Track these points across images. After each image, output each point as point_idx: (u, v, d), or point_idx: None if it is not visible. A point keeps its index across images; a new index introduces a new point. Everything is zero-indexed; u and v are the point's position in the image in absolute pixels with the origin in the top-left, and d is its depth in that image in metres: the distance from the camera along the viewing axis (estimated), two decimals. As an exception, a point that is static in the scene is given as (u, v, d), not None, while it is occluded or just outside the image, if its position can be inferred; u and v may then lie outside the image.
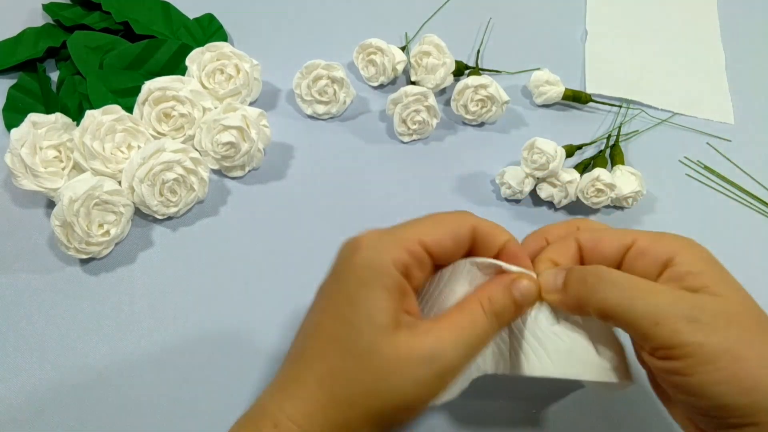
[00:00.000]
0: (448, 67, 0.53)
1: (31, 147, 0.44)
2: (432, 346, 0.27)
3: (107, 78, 0.51)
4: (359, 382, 0.27)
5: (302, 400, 0.28)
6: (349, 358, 0.27)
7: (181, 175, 0.45)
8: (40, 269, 0.45)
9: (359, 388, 0.27)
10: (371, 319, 0.27)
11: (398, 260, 0.28)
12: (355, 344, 0.27)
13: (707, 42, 0.63)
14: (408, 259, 0.28)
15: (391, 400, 0.27)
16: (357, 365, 0.27)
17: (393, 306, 0.28)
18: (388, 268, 0.28)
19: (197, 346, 0.43)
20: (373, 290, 0.28)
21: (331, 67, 0.51)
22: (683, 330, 0.26)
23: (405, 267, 0.28)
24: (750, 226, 0.51)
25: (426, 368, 0.27)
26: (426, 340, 0.27)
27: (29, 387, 0.40)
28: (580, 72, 0.60)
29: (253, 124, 0.47)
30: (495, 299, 0.29)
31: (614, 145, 0.53)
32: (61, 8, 0.56)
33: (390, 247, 0.28)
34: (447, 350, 0.27)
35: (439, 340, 0.27)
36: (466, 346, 0.28)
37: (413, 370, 0.27)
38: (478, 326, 0.29)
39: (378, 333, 0.27)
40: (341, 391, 0.27)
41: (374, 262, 0.28)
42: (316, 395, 0.28)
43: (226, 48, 0.51)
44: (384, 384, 0.27)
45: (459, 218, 0.31)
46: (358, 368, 0.27)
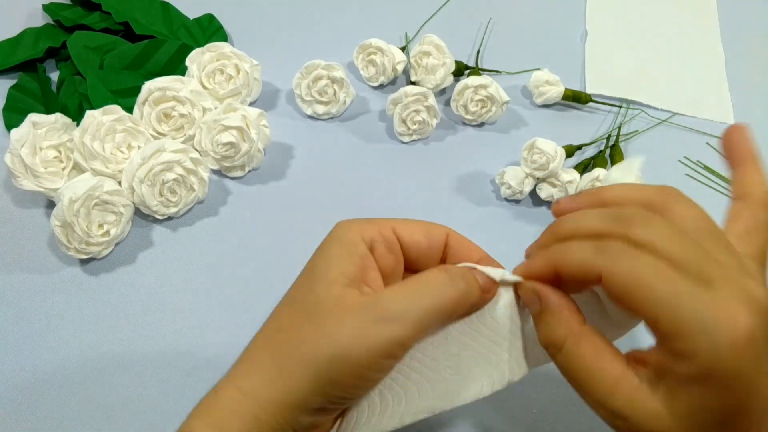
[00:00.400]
0: (448, 67, 0.53)
1: (31, 147, 0.44)
2: (372, 295, 0.27)
3: (107, 78, 0.51)
4: (297, 333, 0.26)
5: (249, 363, 0.28)
6: (295, 313, 0.27)
7: (181, 176, 0.45)
8: (40, 269, 0.45)
9: (296, 339, 0.26)
10: (324, 274, 0.27)
11: (366, 235, 0.29)
12: (304, 299, 0.27)
13: (707, 42, 0.63)
14: (376, 236, 0.29)
15: (324, 347, 0.26)
16: (300, 317, 0.27)
17: (349, 269, 0.27)
18: (353, 237, 0.28)
19: (197, 345, 0.43)
20: (332, 250, 0.28)
21: (331, 67, 0.51)
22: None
23: (372, 241, 0.29)
24: (750, 226, 0.51)
25: (362, 315, 0.26)
26: (374, 297, 0.26)
27: (29, 386, 0.41)
28: (580, 72, 0.60)
29: (253, 124, 0.47)
30: (456, 268, 0.28)
31: (614, 145, 0.53)
32: (61, 8, 0.56)
33: (362, 224, 0.29)
34: (387, 298, 0.26)
35: (390, 300, 0.26)
36: (412, 297, 0.26)
37: (350, 316, 0.26)
38: (431, 282, 0.27)
39: (326, 286, 0.27)
40: (282, 345, 0.27)
41: (342, 234, 0.29)
42: (260, 355, 0.27)
43: (226, 48, 0.51)
44: (319, 329, 0.26)
45: (434, 224, 0.31)
46: (300, 320, 0.27)
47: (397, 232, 0.30)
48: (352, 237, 0.29)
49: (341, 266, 0.27)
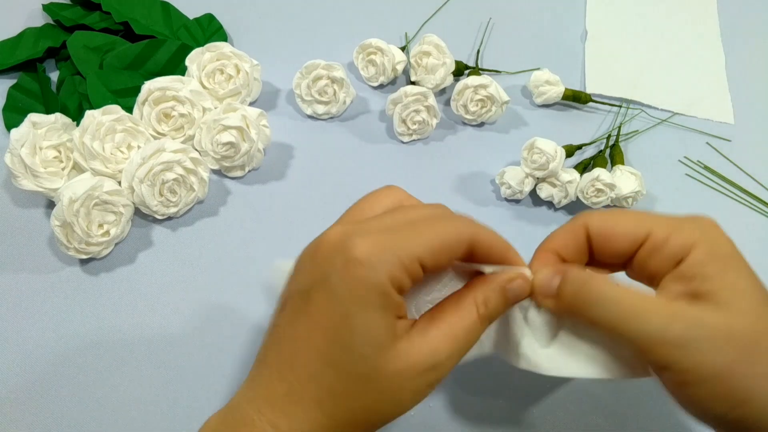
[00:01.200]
0: (448, 67, 0.53)
1: (31, 147, 0.44)
2: (429, 357, 0.27)
3: (107, 78, 0.51)
4: (361, 402, 0.27)
5: (300, 420, 0.27)
6: (349, 381, 0.27)
7: (181, 175, 0.45)
8: (40, 269, 0.45)
9: (360, 408, 0.27)
10: (371, 341, 0.27)
11: (396, 279, 0.27)
12: (355, 367, 0.27)
13: (707, 42, 0.63)
14: (404, 278, 0.27)
15: (388, 412, 0.28)
16: (358, 387, 0.27)
17: (390, 323, 0.27)
18: (385, 287, 0.26)
19: (197, 346, 0.43)
20: (371, 312, 0.27)
21: (331, 67, 0.51)
22: (675, 354, 0.26)
23: (400, 284, 0.27)
24: (750, 226, 0.51)
25: (423, 379, 0.27)
26: (423, 350, 0.27)
27: (29, 386, 0.41)
28: (580, 72, 0.60)
29: (253, 124, 0.47)
30: (490, 301, 0.29)
31: (614, 145, 0.53)
32: (61, 8, 0.56)
33: (388, 267, 0.27)
34: (443, 360, 0.27)
35: (435, 351, 0.27)
36: (461, 352, 0.28)
37: (412, 382, 0.27)
38: (472, 331, 0.28)
39: (377, 354, 0.27)
40: (343, 412, 0.27)
41: (371, 282, 0.26)
42: (314, 415, 0.27)
43: (226, 48, 0.51)
44: (384, 399, 0.27)
45: (459, 231, 0.29)
46: (359, 390, 0.27)
47: (422, 261, 0.28)
48: (383, 287, 0.26)
49: (382, 323, 0.27)
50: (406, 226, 0.28)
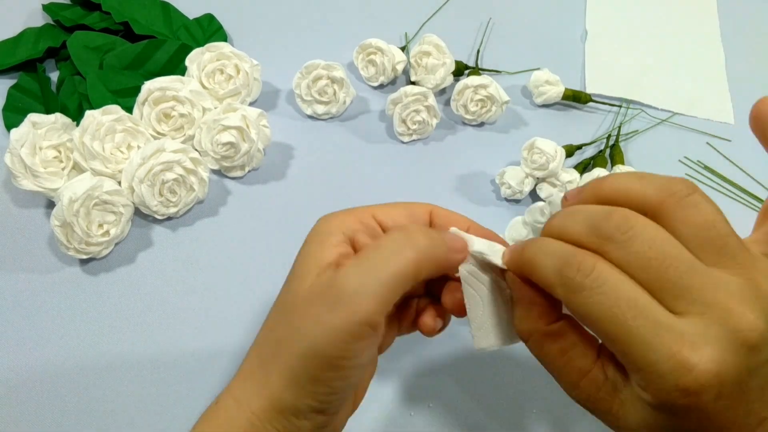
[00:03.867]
0: (448, 67, 0.53)
1: (31, 147, 0.44)
2: (330, 277, 0.25)
3: (107, 78, 0.51)
4: (275, 333, 0.26)
5: (243, 371, 0.27)
6: (276, 314, 0.27)
7: (180, 176, 0.45)
8: (40, 269, 0.45)
9: (274, 340, 0.26)
10: (301, 270, 0.27)
11: (345, 225, 0.28)
12: (283, 298, 0.27)
13: (707, 42, 0.63)
14: (356, 225, 0.28)
15: (296, 343, 0.25)
16: (278, 317, 0.27)
17: (324, 259, 0.26)
18: (330, 228, 0.28)
19: (197, 346, 0.43)
20: (309, 245, 0.27)
21: (331, 67, 0.51)
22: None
23: (353, 232, 0.28)
24: (750, 226, 0.51)
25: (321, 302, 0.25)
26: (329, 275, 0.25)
27: (29, 386, 0.41)
28: (580, 72, 0.60)
29: (253, 124, 0.47)
30: (416, 226, 0.27)
31: (614, 145, 0.53)
32: (61, 8, 0.56)
33: (340, 216, 0.29)
34: (341, 277, 0.25)
35: (336, 271, 0.25)
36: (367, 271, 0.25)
37: (311, 306, 0.25)
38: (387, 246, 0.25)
39: (300, 281, 0.26)
40: (264, 348, 0.27)
41: (319, 227, 0.28)
42: (251, 362, 0.27)
43: (226, 48, 0.51)
44: (290, 328, 0.25)
45: (415, 203, 0.30)
46: (278, 319, 0.27)
47: (378, 218, 0.29)
48: (329, 228, 0.28)
49: (317, 258, 0.26)
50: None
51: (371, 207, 0.29)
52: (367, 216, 0.29)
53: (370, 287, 0.24)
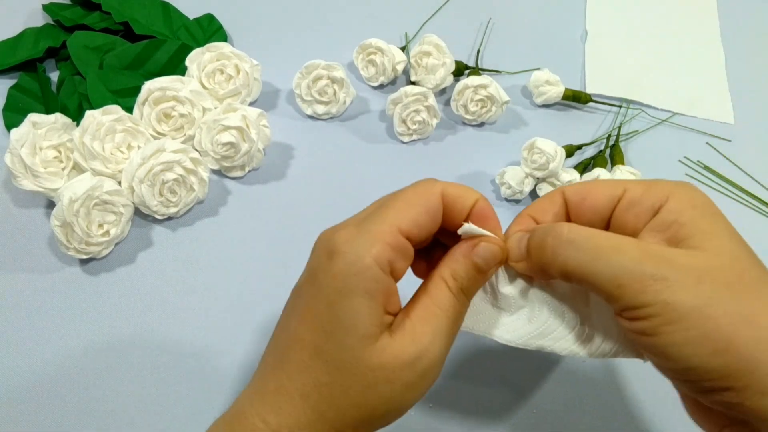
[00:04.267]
0: (448, 67, 0.53)
1: (31, 147, 0.44)
2: (411, 345, 0.26)
3: (107, 78, 0.51)
4: (346, 395, 0.26)
5: (287, 414, 0.27)
6: (334, 372, 0.26)
7: (180, 176, 0.45)
8: (40, 269, 0.45)
9: (347, 401, 0.26)
10: (354, 330, 0.26)
11: (380, 258, 0.26)
12: (338, 357, 0.26)
13: (707, 42, 0.63)
14: (391, 254, 0.26)
15: (380, 408, 0.26)
16: (343, 378, 0.26)
17: (376, 312, 0.26)
18: (370, 270, 0.26)
19: (197, 346, 0.43)
20: (354, 298, 0.26)
21: (331, 67, 0.51)
22: (647, 290, 0.24)
23: (389, 263, 0.26)
24: (750, 226, 0.51)
25: (411, 371, 0.26)
26: (405, 342, 0.26)
27: (29, 386, 0.40)
28: (580, 72, 0.60)
29: (253, 124, 0.47)
30: (458, 273, 0.28)
31: (614, 145, 0.53)
32: (61, 8, 0.56)
33: (369, 245, 0.26)
34: (426, 346, 0.26)
35: (416, 338, 0.26)
36: (444, 335, 0.27)
37: (399, 375, 0.26)
38: (449, 309, 0.28)
39: (361, 344, 0.26)
40: (329, 405, 0.26)
41: (354, 267, 0.26)
42: (301, 409, 0.27)
43: (226, 48, 0.51)
44: (372, 394, 0.26)
45: (427, 189, 0.29)
46: (344, 381, 0.26)
47: (404, 231, 0.27)
48: (368, 270, 0.26)
49: (366, 311, 0.26)
50: (378, 209, 0.28)
51: (389, 216, 0.27)
52: (397, 236, 0.27)
53: (441, 341, 0.27)
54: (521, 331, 0.30)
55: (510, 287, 0.30)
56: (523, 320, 0.30)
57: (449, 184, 0.29)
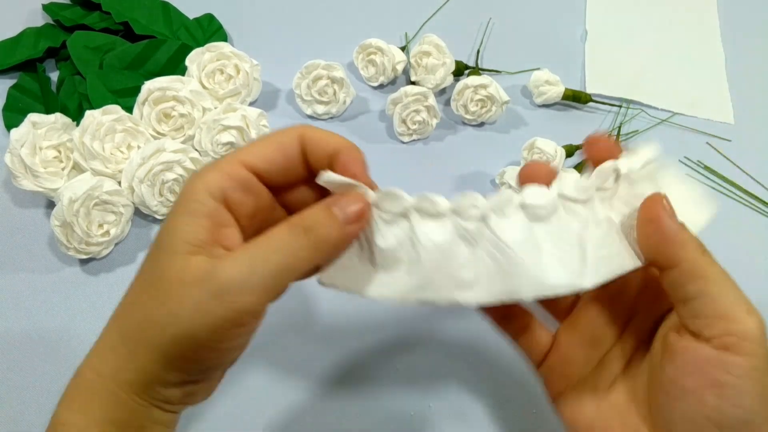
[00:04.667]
0: (448, 67, 0.53)
1: (31, 147, 0.44)
2: (208, 264, 0.24)
3: (107, 78, 0.51)
4: (143, 310, 0.25)
5: (103, 343, 0.26)
6: (140, 288, 0.26)
7: (180, 176, 0.45)
8: (40, 269, 0.45)
9: (141, 318, 0.25)
10: (168, 244, 0.25)
11: (211, 184, 0.25)
12: (150, 272, 0.25)
13: (707, 42, 0.63)
14: (227, 182, 0.25)
15: (170, 326, 0.24)
16: (145, 294, 0.25)
17: (191, 230, 0.25)
18: (198, 194, 0.25)
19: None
20: (176, 217, 0.25)
21: (331, 67, 0.51)
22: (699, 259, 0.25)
23: (222, 192, 0.25)
24: (750, 226, 0.51)
25: (201, 288, 0.24)
26: (205, 260, 0.24)
27: (29, 386, 0.40)
28: (580, 72, 0.60)
29: (253, 124, 0.47)
30: (305, 214, 0.26)
31: (614, 145, 0.53)
32: (61, 8, 0.56)
33: (206, 175, 0.25)
34: (226, 268, 0.24)
35: (217, 259, 0.24)
36: (261, 265, 0.24)
37: (189, 291, 0.24)
38: (278, 241, 0.25)
39: (169, 257, 0.24)
40: (128, 323, 0.26)
41: (186, 193, 0.25)
42: (112, 335, 0.26)
43: (226, 48, 0.51)
44: (163, 309, 0.24)
45: (285, 130, 0.27)
46: (145, 296, 0.25)
47: (249, 163, 0.26)
48: (197, 195, 0.25)
49: (185, 233, 0.25)
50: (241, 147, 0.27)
51: (237, 152, 0.26)
52: (236, 166, 0.26)
53: (258, 280, 0.24)
54: (399, 286, 0.28)
55: (385, 240, 0.28)
56: (401, 273, 0.28)
57: (314, 129, 0.27)
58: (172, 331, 0.24)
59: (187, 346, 0.24)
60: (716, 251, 0.29)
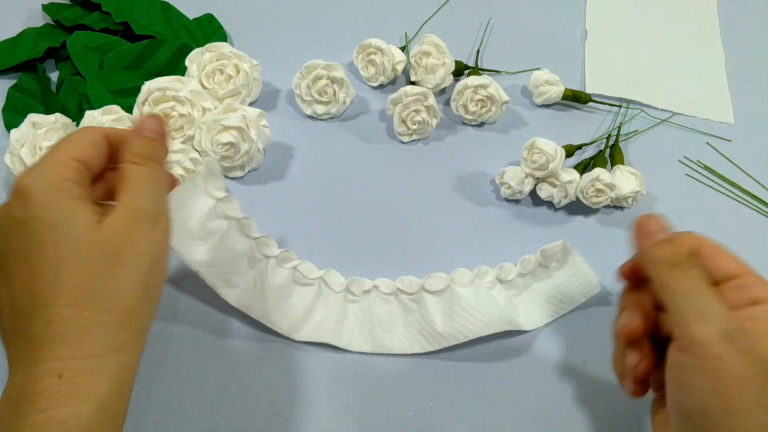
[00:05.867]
0: (447, 67, 0.53)
1: (31, 147, 0.44)
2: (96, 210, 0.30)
3: (107, 78, 0.51)
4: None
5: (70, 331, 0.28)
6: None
7: (180, 176, 0.45)
8: (40, 269, 0.45)
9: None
10: (75, 221, 0.28)
11: (68, 177, 0.29)
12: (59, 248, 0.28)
13: (707, 42, 0.63)
14: (74, 175, 0.30)
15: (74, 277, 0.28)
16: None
17: (89, 208, 0.29)
18: (65, 183, 0.29)
19: (197, 346, 0.43)
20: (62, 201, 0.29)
21: (331, 67, 0.51)
22: (716, 341, 0.28)
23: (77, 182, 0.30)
24: (750, 226, 0.51)
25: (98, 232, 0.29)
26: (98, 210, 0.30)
27: (29, 387, 0.40)
28: (580, 72, 0.60)
29: (253, 124, 0.47)
30: (138, 149, 0.32)
31: (614, 145, 0.53)
32: (61, 8, 0.56)
33: (53, 169, 0.29)
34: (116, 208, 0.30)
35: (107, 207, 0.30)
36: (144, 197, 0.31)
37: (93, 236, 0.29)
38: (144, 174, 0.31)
39: (89, 229, 0.29)
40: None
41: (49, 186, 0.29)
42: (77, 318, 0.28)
43: (226, 48, 0.51)
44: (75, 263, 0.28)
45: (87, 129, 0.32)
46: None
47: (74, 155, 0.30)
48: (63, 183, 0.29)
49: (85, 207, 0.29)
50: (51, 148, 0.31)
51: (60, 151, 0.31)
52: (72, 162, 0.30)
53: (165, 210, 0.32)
54: (201, 258, 0.40)
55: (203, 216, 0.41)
56: (207, 248, 0.40)
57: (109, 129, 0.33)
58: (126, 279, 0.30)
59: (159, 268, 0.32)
60: (716, 251, 0.30)
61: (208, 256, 0.41)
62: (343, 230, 0.48)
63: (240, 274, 0.42)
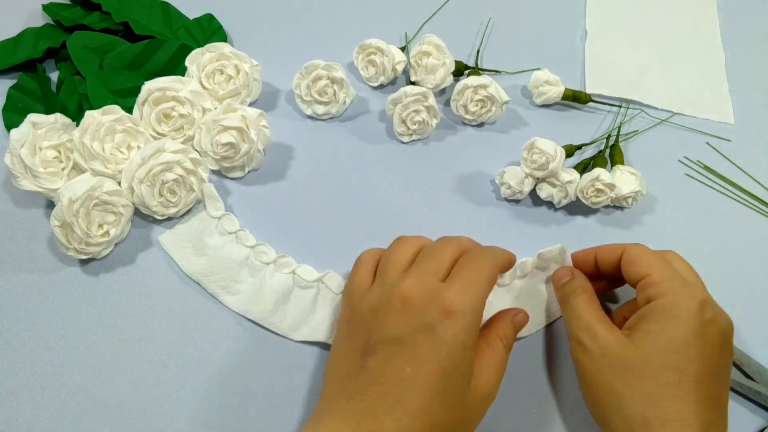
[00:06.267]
0: (447, 67, 0.53)
1: (31, 147, 0.44)
2: (488, 386, 0.36)
3: (107, 78, 0.51)
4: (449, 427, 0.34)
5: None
6: (448, 411, 0.33)
7: (180, 176, 0.45)
8: (40, 270, 0.45)
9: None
10: (464, 374, 0.34)
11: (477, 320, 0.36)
12: (453, 397, 0.34)
13: (707, 42, 0.63)
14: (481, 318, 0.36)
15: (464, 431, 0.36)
16: (453, 414, 0.34)
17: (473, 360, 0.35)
18: (475, 328, 0.35)
19: (197, 347, 0.43)
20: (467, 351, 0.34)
21: (331, 67, 0.51)
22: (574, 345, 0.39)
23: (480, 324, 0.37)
24: (750, 226, 0.51)
25: (487, 404, 0.36)
26: (482, 383, 0.36)
27: (29, 386, 0.41)
28: (580, 72, 0.60)
29: (253, 124, 0.47)
30: (508, 335, 0.39)
31: (614, 145, 0.53)
32: (61, 8, 0.56)
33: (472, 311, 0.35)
34: (494, 387, 0.36)
35: (490, 382, 0.36)
36: (500, 379, 0.37)
37: (482, 407, 0.36)
38: (504, 360, 0.38)
39: (466, 386, 0.35)
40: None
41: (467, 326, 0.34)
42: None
43: (226, 48, 0.51)
44: (463, 421, 0.35)
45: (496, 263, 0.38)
46: (453, 416, 0.34)
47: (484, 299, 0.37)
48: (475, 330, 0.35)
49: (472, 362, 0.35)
50: (468, 273, 0.36)
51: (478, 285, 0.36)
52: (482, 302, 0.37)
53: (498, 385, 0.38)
54: (200, 269, 0.45)
55: (215, 236, 0.47)
56: (205, 260, 0.45)
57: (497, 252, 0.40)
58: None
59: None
60: (716, 251, 0.30)
61: (207, 266, 0.45)
62: (343, 230, 0.48)
63: (240, 281, 0.44)
